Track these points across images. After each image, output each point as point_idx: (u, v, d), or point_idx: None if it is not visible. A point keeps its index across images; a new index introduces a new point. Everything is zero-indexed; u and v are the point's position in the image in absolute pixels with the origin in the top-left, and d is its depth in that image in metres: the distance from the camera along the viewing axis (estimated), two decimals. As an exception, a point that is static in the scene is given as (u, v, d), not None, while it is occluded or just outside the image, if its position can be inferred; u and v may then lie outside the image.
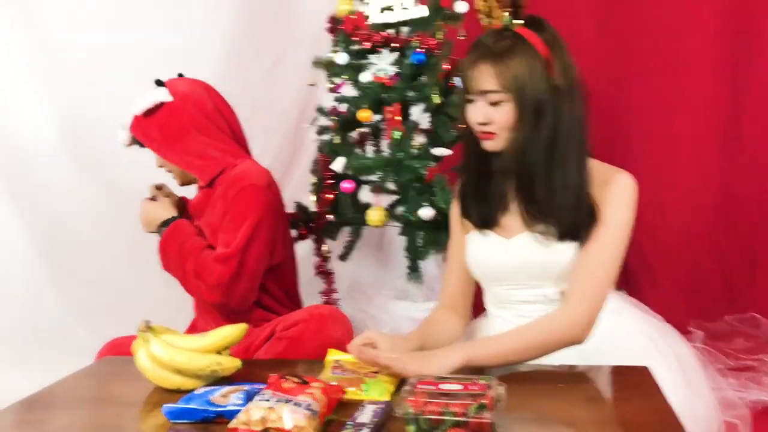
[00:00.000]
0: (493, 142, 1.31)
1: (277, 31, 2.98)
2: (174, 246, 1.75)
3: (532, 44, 1.27)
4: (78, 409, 1.20)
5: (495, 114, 1.28)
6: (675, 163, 2.68)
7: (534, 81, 1.25)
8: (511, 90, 1.25)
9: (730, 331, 2.45)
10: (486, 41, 1.29)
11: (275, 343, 1.63)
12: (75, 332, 2.67)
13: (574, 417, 1.02)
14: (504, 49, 1.26)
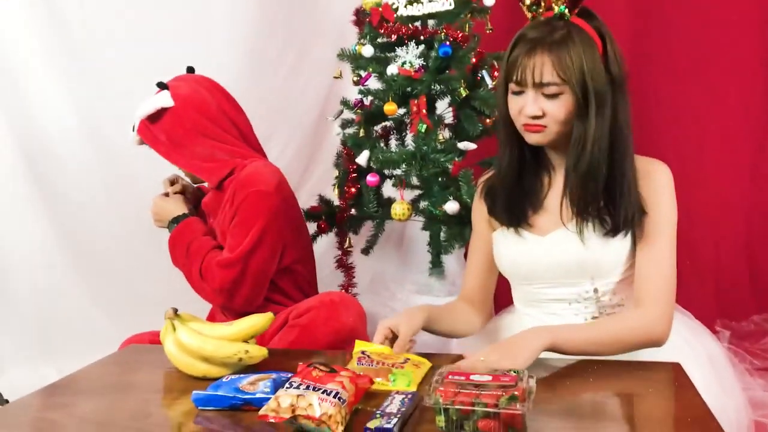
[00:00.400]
0: (542, 135, 1.27)
1: (302, 23, 2.97)
2: (182, 244, 1.76)
3: (589, 34, 1.24)
4: (104, 394, 1.20)
5: (550, 106, 1.24)
6: (705, 163, 2.64)
7: (594, 71, 1.22)
8: (572, 81, 1.22)
9: (756, 331, 2.41)
10: (538, 31, 1.25)
11: (288, 332, 1.64)
12: (98, 324, 2.69)
13: (605, 411, 1.01)
14: (561, 38, 1.22)
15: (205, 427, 1.03)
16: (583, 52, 1.22)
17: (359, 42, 2.23)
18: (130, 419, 1.07)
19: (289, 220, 1.78)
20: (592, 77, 1.22)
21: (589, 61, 1.22)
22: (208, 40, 2.81)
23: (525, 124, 1.27)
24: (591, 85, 1.22)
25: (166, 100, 1.74)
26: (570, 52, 1.21)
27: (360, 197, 2.25)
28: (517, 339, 1.19)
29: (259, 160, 1.81)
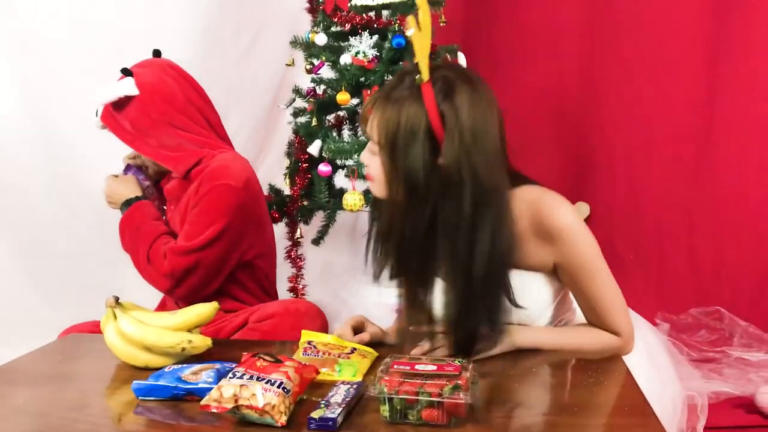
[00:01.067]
0: (374, 187, 1.18)
1: (256, 9, 2.93)
2: (132, 227, 1.72)
3: (425, 108, 1.07)
4: (42, 384, 1.17)
5: (373, 161, 1.15)
6: (652, 161, 2.71)
7: (408, 149, 1.08)
8: (382, 146, 1.11)
9: (694, 324, 2.50)
10: (394, 81, 1.15)
11: (248, 334, 1.59)
12: (38, 311, 2.62)
13: (546, 400, 1.03)
14: (398, 98, 1.09)
15: (146, 417, 1.01)
16: (405, 123, 1.07)
17: (312, 30, 2.22)
18: (68, 410, 1.05)
19: (254, 217, 1.74)
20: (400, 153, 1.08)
21: (404, 134, 1.08)
22: (160, 17, 2.74)
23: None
24: (398, 161, 1.09)
25: (130, 89, 1.66)
26: (394, 116, 1.08)
27: (311, 187, 2.23)
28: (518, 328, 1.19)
29: (228, 151, 1.77)
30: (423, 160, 1.08)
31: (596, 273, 1.19)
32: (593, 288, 1.19)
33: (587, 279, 1.19)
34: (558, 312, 1.28)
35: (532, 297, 1.21)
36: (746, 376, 2.07)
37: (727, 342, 2.36)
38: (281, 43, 2.74)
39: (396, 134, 1.08)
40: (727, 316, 2.50)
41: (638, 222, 2.70)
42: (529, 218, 1.17)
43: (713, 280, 2.65)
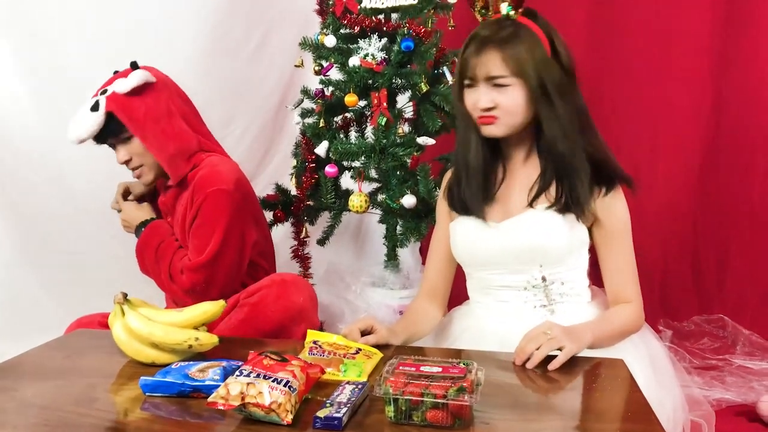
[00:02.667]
0: (495, 127, 1.35)
1: (265, 10, 2.94)
2: (151, 247, 1.75)
3: (534, 31, 1.32)
4: (49, 378, 1.18)
5: (501, 98, 1.32)
6: (657, 167, 2.72)
7: (544, 63, 1.31)
8: (520, 74, 1.30)
9: (697, 332, 2.50)
10: (488, 30, 1.33)
11: (238, 311, 1.64)
12: (44, 307, 2.63)
13: (550, 404, 1.03)
14: (509, 36, 1.31)
15: (152, 413, 1.02)
16: (531, 47, 1.31)
17: (322, 32, 2.22)
18: (75, 404, 1.06)
19: (251, 216, 1.77)
20: (544, 68, 1.31)
21: (538, 54, 1.31)
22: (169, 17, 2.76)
23: (479, 117, 1.35)
24: (545, 76, 1.31)
25: (148, 76, 1.69)
26: (517, 47, 1.30)
27: (318, 188, 2.24)
28: (573, 328, 1.24)
29: (216, 153, 1.80)
30: (556, 64, 1.33)
31: (628, 242, 1.39)
32: (622, 253, 1.38)
33: (621, 242, 1.38)
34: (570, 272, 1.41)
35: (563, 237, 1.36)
36: (749, 385, 2.08)
37: (729, 350, 2.36)
38: (289, 44, 2.76)
39: (533, 54, 1.30)
40: (730, 324, 2.51)
41: (642, 229, 2.69)
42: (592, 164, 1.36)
43: (717, 288, 2.65)
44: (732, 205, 2.64)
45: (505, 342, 1.29)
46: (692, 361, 2.26)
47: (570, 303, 1.41)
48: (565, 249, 1.37)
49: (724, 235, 2.65)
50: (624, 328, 1.35)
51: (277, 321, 1.59)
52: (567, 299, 1.40)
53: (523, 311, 1.40)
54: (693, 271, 2.68)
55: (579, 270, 1.43)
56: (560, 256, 1.37)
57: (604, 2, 2.72)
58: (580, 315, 1.37)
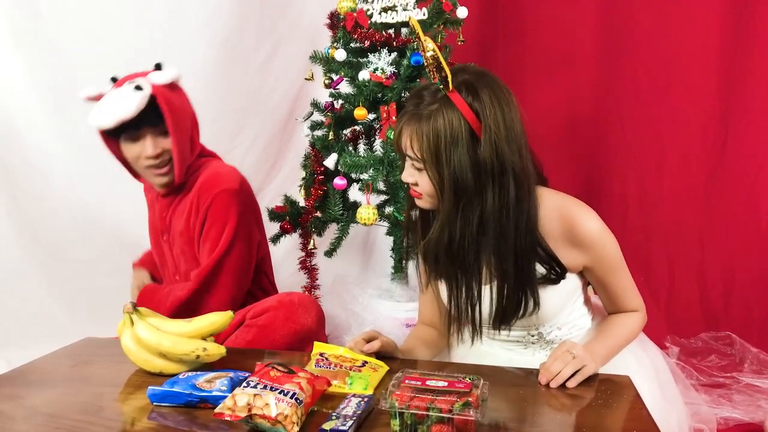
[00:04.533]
0: (422, 202, 1.26)
1: (277, 20, 2.97)
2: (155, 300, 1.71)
3: (459, 112, 1.15)
4: (57, 387, 1.19)
5: (419, 177, 1.22)
6: (663, 184, 2.71)
7: (453, 155, 1.15)
8: (427, 160, 1.17)
9: (704, 349, 2.48)
10: (415, 101, 1.20)
11: (245, 331, 1.61)
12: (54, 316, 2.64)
13: (556, 420, 1.03)
14: (429, 114, 1.16)
15: (159, 423, 1.02)
16: (443, 133, 1.15)
17: (332, 45, 2.24)
18: (82, 412, 1.06)
19: (254, 216, 1.78)
20: (446, 161, 1.15)
21: (444, 143, 1.15)
22: (180, 28, 2.79)
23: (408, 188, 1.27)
24: (446, 169, 1.16)
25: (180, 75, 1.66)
26: (428, 129, 1.15)
27: (326, 199, 2.25)
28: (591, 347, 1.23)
29: (214, 159, 1.80)
30: (469, 160, 1.16)
31: (620, 269, 1.32)
32: (618, 282, 1.32)
33: (614, 276, 1.32)
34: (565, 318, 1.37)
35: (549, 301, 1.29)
36: (756, 403, 2.06)
37: (737, 368, 2.34)
38: (299, 57, 2.79)
39: (439, 144, 1.16)
40: (737, 341, 2.49)
41: (649, 245, 2.70)
42: (560, 224, 1.26)
43: (724, 305, 2.64)
44: (739, 221, 2.63)
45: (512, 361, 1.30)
46: (699, 378, 2.24)
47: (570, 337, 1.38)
48: (558, 307, 1.33)
49: (731, 251, 2.64)
50: (630, 337, 1.34)
51: (285, 344, 1.57)
52: (567, 336, 1.38)
53: (525, 354, 1.39)
54: (699, 288, 2.67)
55: (576, 312, 1.39)
56: (554, 314, 1.34)
57: (612, 18, 2.73)
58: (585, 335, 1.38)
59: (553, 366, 1.16)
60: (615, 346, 1.30)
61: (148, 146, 1.61)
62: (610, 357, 1.28)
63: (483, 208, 1.19)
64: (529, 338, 1.38)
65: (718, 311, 2.63)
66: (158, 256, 1.85)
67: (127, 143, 1.64)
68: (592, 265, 1.29)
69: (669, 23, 2.68)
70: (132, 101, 1.54)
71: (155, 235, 1.83)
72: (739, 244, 2.64)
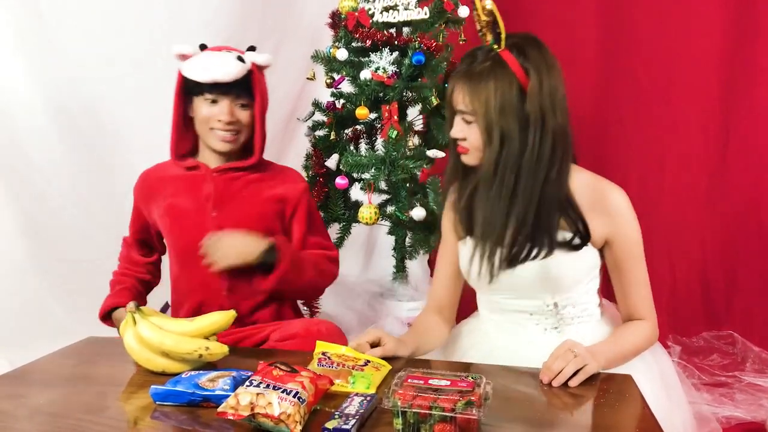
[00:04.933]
0: (468, 157, 1.34)
1: (278, 20, 2.97)
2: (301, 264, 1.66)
3: (511, 70, 1.26)
4: (59, 386, 1.19)
5: (468, 131, 1.31)
6: (664, 184, 2.72)
7: (503, 108, 1.25)
8: (478, 113, 1.27)
9: (706, 348, 2.49)
10: (466, 61, 1.31)
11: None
12: (55, 316, 2.64)
13: (558, 419, 1.03)
14: (481, 71, 1.27)
15: (162, 422, 1.02)
16: (496, 89, 1.25)
17: (334, 45, 2.24)
18: (86, 412, 1.06)
19: None
20: (499, 113, 1.25)
21: (499, 97, 1.25)
22: (181, 28, 2.78)
23: (456, 145, 1.35)
24: (496, 121, 1.26)
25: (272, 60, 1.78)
26: (483, 86, 1.26)
27: (328, 199, 2.25)
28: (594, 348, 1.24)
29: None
30: (516, 114, 1.26)
31: (640, 259, 1.36)
32: (635, 271, 1.36)
33: (631, 263, 1.35)
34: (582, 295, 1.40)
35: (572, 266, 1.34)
36: (758, 402, 2.06)
37: (739, 367, 2.34)
38: (300, 57, 2.78)
39: (490, 98, 1.25)
40: (739, 340, 2.49)
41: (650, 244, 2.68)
42: (590, 194, 1.33)
43: (725, 304, 2.64)
44: (740, 221, 2.63)
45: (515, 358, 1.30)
46: (701, 377, 2.25)
47: (581, 324, 1.40)
48: (577, 277, 1.37)
49: (733, 251, 2.64)
50: (638, 347, 1.34)
51: None
52: (578, 320, 1.40)
53: (534, 333, 1.40)
54: (701, 287, 2.67)
55: (591, 292, 1.42)
56: (571, 284, 1.37)
57: (613, 18, 2.74)
58: (590, 334, 1.37)
59: (555, 365, 1.16)
60: (620, 352, 1.30)
61: (225, 112, 1.66)
62: (615, 362, 1.28)
63: (522, 158, 1.27)
64: (544, 308, 1.38)
65: (719, 310, 2.64)
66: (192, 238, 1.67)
67: (204, 103, 1.67)
68: (614, 238, 1.33)
69: (670, 22, 2.68)
70: (232, 67, 1.63)
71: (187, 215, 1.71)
72: (741, 243, 2.64)
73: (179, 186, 1.72)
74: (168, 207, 1.71)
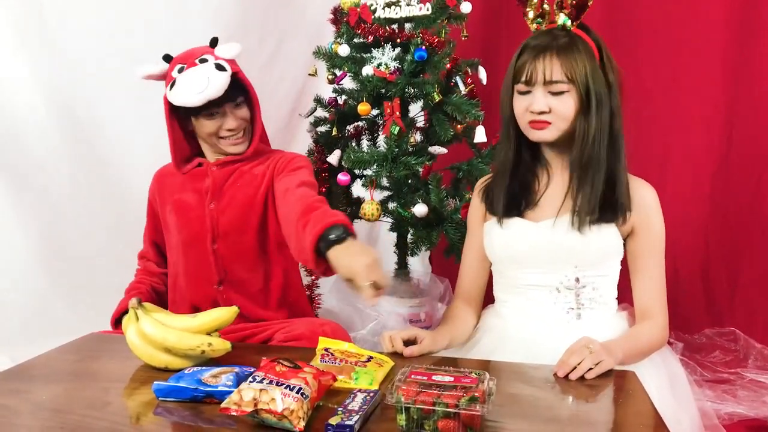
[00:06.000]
0: (547, 131, 1.38)
1: (280, 16, 2.97)
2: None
3: (588, 43, 1.38)
4: (62, 382, 1.19)
5: (556, 103, 1.35)
6: (667, 179, 2.70)
7: (595, 74, 1.35)
8: (577, 81, 1.34)
9: (709, 344, 2.48)
10: (544, 39, 1.37)
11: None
12: (56, 312, 2.64)
13: (562, 415, 1.03)
14: (566, 44, 1.35)
15: (165, 418, 1.02)
16: (587, 58, 1.35)
17: (336, 41, 2.24)
18: (88, 407, 1.06)
19: None
20: (593, 80, 1.34)
21: (591, 65, 1.35)
22: (183, 24, 2.78)
23: (531, 121, 1.38)
24: (593, 87, 1.34)
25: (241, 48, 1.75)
26: (575, 55, 1.34)
27: (330, 195, 2.25)
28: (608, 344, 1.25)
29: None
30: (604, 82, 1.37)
31: (659, 256, 1.43)
32: (653, 266, 1.42)
33: (652, 255, 1.42)
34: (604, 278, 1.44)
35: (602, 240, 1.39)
36: (761, 399, 2.06)
37: (741, 364, 2.34)
38: (302, 54, 2.78)
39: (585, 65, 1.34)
40: (742, 337, 2.49)
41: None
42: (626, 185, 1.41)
43: (728, 301, 2.64)
44: (744, 218, 2.63)
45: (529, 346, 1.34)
46: (703, 374, 2.24)
47: (597, 310, 1.43)
48: (602, 252, 1.40)
49: (736, 248, 2.63)
50: (650, 347, 1.38)
51: None
52: (595, 305, 1.43)
53: (551, 313, 1.43)
54: (704, 284, 2.67)
55: (610, 278, 1.46)
56: (596, 260, 1.41)
57: (616, 12, 2.72)
58: (605, 323, 1.41)
59: (571, 359, 1.18)
60: (633, 349, 1.32)
61: (230, 120, 1.67)
62: (630, 359, 1.30)
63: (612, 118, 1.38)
64: (566, 283, 1.41)
65: (722, 307, 2.63)
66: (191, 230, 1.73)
67: (205, 120, 1.67)
68: (639, 228, 1.40)
69: (673, 19, 2.67)
70: (219, 81, 1.59)
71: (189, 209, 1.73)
72: (744, 240, 2.64)
73: (186, 183, 1.76)
74: (175, 203, 1.75)
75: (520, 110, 1.40)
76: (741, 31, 2.60)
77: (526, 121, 1.39)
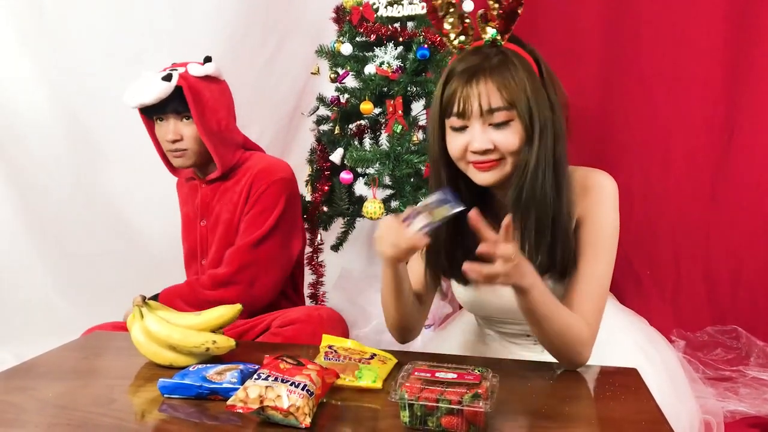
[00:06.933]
0: (497, 171, 1.16)
1: (282, 15, 2.97)
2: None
3: (524, 57, 1.15)
4: (67, 379, 1.20)
5: (500, 137, 1.13)
6: (669, 179, 2.71)
7: (537, 94, 1.13)
8: (519, 105, 1.11)
9: (711, 342, 2.49)
10: (473, 60, 1.13)
11: (270, 339, 1.63)
12: (59, 310, 2.66)
13: (564, 413, 1.04)
14: (500, 63, 1.12)
15: (170, 415, 1.03)
16: (525, 76, 1.12)
17: (338, 39, 2.24)
18: (94, 404, 1.07)
19: (298, 208, 1.85)
20: (536, 102, 1.12)
21: (531, 84, 1.12)
22: (186, 23, 2.79)
23: (474, 162, 1.16)
24: (536, 110, 1.12)
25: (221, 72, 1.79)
26: (513, 74, 1.11)
27: (332, 194, 2.26)
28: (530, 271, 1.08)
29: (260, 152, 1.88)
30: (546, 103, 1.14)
31: (603, 254, 1.18)
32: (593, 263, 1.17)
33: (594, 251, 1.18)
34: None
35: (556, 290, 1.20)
36: (762, 396, 2.07)
37: (743, 361, 2.35)
38: (304, 52, 2.78)
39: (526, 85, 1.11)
40: (744, 335, 2.49)
41: (655, 239, 2.70)
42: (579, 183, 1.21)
43: (730, 298, 2.64)
44: (745, 216, 2.63)
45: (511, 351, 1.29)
46: (705, 372, 2.25)
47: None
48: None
49: (737, 246, 2.64)
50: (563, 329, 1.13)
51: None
52: None
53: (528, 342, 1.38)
54: (705, 281, 2.67)
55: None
56: None
57: (617, 12, 2.73)
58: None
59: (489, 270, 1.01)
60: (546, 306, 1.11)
61: (169, 131, 1.72)
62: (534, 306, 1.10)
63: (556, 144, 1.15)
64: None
65: (724, 305, 2.64)
66: (189, 244, 1.87)
67: (157, 124, 1.76)
68: (585, 217, 1.19)
69: (674, 18, 2.67)
70: (154, 89, 1.66)
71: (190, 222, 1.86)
72: (746, 238, 2.64)
73: (188, 196, 1.87)
74: (182, 215, 1.89)
75: (456, 151, 1.16)
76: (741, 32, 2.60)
77: (468, 162, 1.16)
